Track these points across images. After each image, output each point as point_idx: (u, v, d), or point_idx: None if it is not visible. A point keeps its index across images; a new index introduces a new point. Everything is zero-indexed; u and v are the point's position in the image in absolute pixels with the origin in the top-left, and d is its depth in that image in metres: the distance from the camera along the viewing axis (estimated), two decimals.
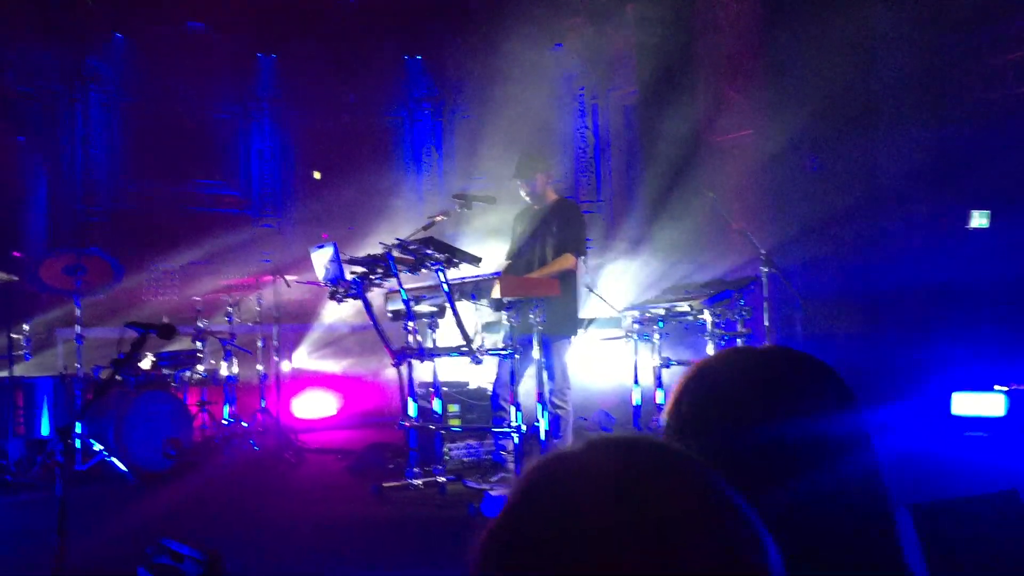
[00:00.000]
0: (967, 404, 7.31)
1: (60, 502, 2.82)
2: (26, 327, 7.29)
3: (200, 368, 7.71)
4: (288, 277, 7.97)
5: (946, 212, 8.29)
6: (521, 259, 6.08)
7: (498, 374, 5.89)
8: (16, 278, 6.71)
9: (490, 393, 6.16)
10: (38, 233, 10.10)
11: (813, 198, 8.42)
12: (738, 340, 6.05)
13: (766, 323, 6.34)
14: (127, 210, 10.80)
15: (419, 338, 5.73)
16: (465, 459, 6.66)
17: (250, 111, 11.66)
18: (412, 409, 5.84)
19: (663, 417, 1.12)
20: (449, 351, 5.60)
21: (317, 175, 11.81)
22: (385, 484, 5.73)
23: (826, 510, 1.01)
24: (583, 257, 6.19)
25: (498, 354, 5.44)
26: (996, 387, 7.27)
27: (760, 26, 8.67)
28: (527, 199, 6.13)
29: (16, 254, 7.44)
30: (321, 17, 11.18)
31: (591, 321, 7.67)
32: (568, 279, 5.92)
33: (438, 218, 5.92)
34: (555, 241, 5.93)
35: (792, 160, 8.42)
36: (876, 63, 8.74)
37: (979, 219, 8.10)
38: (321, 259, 5.59)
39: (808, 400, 1.06)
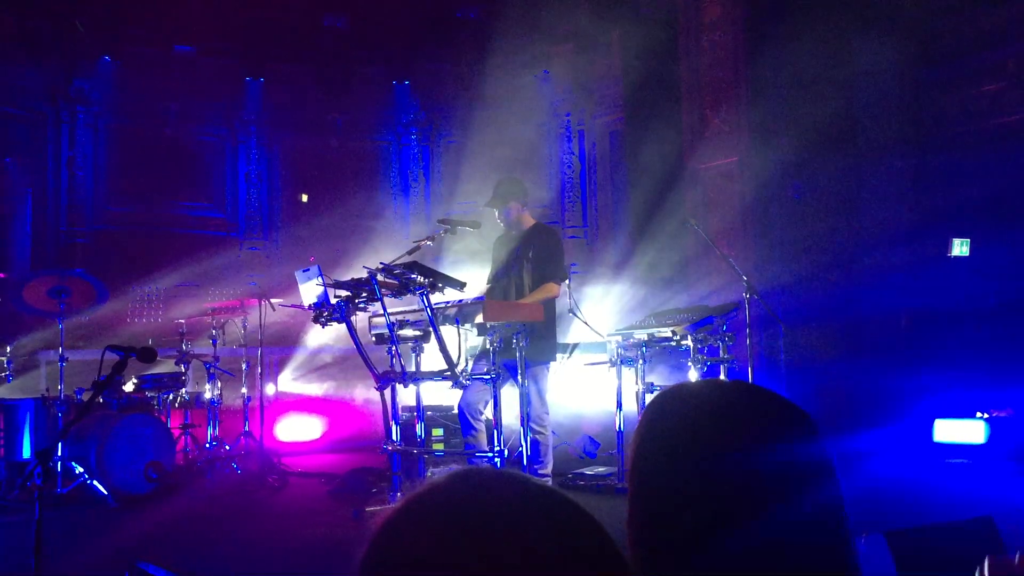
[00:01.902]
0: (949, 431, 7.36)
1: (37, 525, 2.81)
2: (8, 349, 7.26)
3: (183, 391, 7.68)
4: (273, 300, 7.96)
5: (926, 238, 8.37)
6: (499, 284, 6.11)
7: (466, 393, 5.88)
8: None
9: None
10: (22, 254, 10.06)
11: (795, 224, 8.49)
12: (721, 366, 6.08)
13: (749, 349, 6.37)
14: (112, 232, 10.79)
15: (403, 362, 5.73)
16: None
17: (237, 134, 11.68)
18: (395, 433, 5.83)
19: (628, 455, 1.14)
20: (433, 375, 5.60)
21: (304, 198, 11.84)
22: (367, 508, 5.71)
23: (784, 542, 1.02)
24: (566, 282, 6.22)
25: (481, 379, 5.44)
26: (978, 414, 7.32)
27: (744, 54, 8.77)
28: (505, 227, 6.17)
29: None
30: (309, 41, 11.24)
31: (575, 346, 7.70)
32: (548, 306, 5.95)
33: (423, 242, 5.94)
34: (532, 267, 5.96)
35: (775, 186, 8.50)
36: (857, 92, 8.85)
37: (959, 247, 8.19)
38: (306, 282, 5.59)
39: (763, 432, 1.07)
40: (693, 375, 6.06)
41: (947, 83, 8.78)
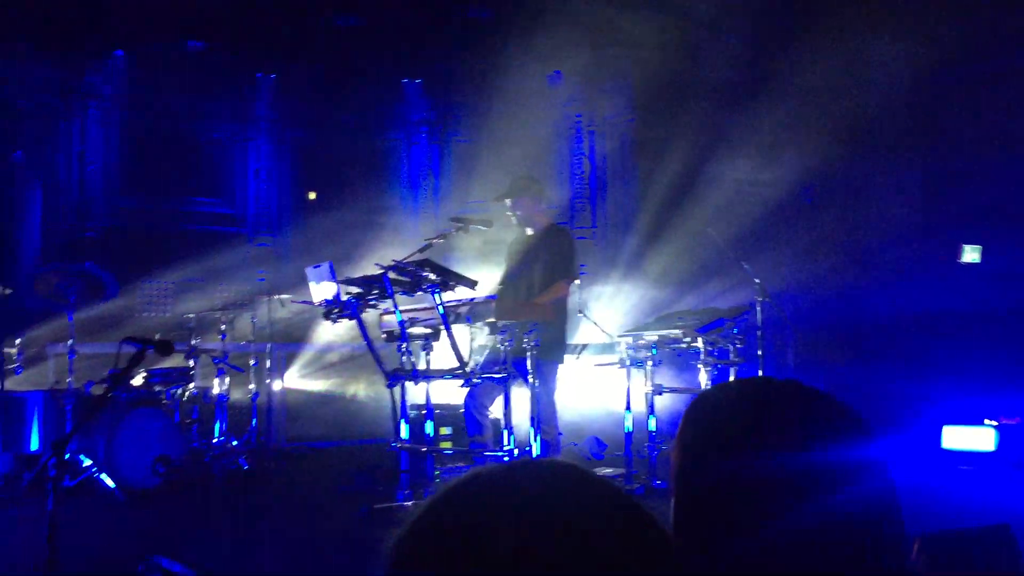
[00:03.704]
0: (958, 438, 7.32)
1: (50, 517, 2.81)
2: (18, 341, 7.26)
3: (192, 386, 7.68)
4: (282, 296, 7.96)
5: (937, 243, 8.35)
6: (512, 284, 6.11)
7: (473, 392, 5.87)
8: (10, 291, 6.69)
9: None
10: (33, 247, 10.08)
11: (807, 227, 8.48)
12: (731, 368, 6.06)
13: (759, 352, 6.35)
14: (122, 226, 10.80)
15: (413, 360, 5.72)
16: None
17: (248, 130, 11.69)
18: (404, 431, 5.83)
19: (674, 452, 1.12)
20: (442, 374, 5.60)
21: (312, 196, 11.84)
22: (375, 506, 5.70)
23: (832, 541, 1.01)
24: (576, 282, 6.21)
25: (492, 378, 5.44)
26: (986, 421, 7.29)
27: (757, 56, 8.76)
28: (515, 222, 6.16)
29: None
30: (321, 38, 11.24)
31: (584, 347, 7.69)
32: (560, 306, 5.94)
33: (435, 240, 5.93)
34: (544, 267, 5.95)
35: (787, 189, 8.48)
36: (871, 96, 8.84)
37: (971, 254, 8.16)
38: (317, 279, 5.59)
39: (814, 431, 1.06)
40: (703, 378, 6.04)
41: (960, 88, 8.75)
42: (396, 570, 0.77)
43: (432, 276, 5.12)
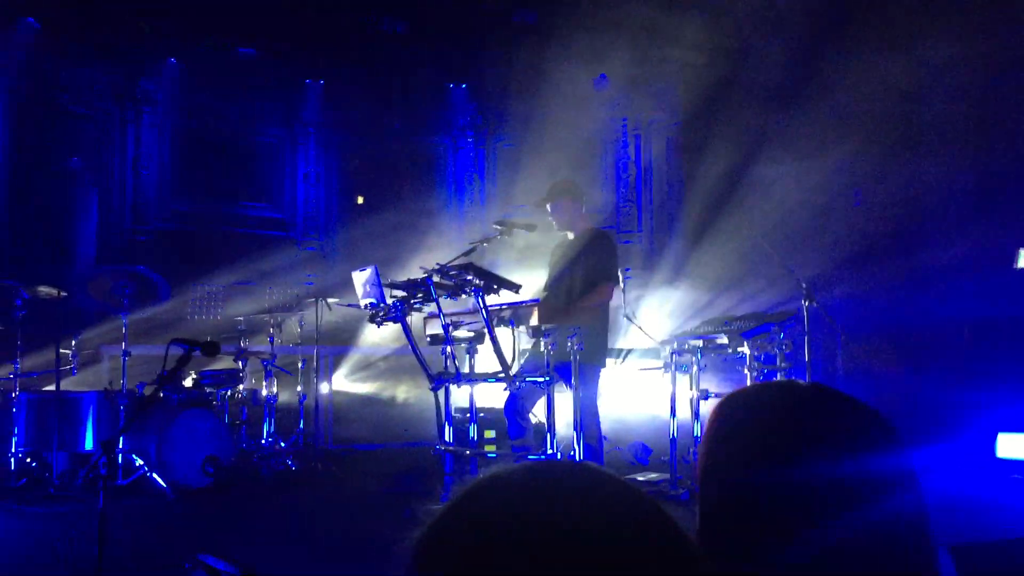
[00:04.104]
0: (1013, 446, 7.14)
1: (100, 515, 2.88)
2: (73, 343, 7.44)
3: (241, 387, 7.80)
4: (329, 300, 8.05)
5: (991, 247, 8.17)
6: (554, 288, 6.10)
7: (514, 395, 5.87)
8: (65, 293, 6.86)
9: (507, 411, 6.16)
10: (87, 250, 10.32)
11: (857, 231, 8.36)
12: (778, 374, 5.99)
13: (806, 358, 6.27)
14: (174, 230, 11.02)
15: (457, 363, 5.74)
16: None
17: (296, 135, 11.86)
18: (448, 434, 5.85)
19: (699, 456, 1.12)
20: (486, 377, 5.61)
21: (360, 200, 11.96)
22: (419, 508, 5.73)
23: (863, 551, 0.99)
24: (620, 286, 6.18)
25: (535, 382, 5.44)
26: None
27: (806, 57, 8.66)
28: (556, 225, 6.16)
29: None
30: (368, 44, 11.36)
31: (629, 351, 7.65)
32: (602, 310, 5.92)
33: (479, 244, 5.95)
34: (585, 270, 5.93)
35: (836, 192, 8.37)
36: (923, 98, 8.68)
37: None
38: (362, 282, 5.64)
39: (842, 437, 1.04)
40: (749, 383, 5.98)
41: (1014, 89, 8.56)
42: (417, 571, 0.78)
43: (475, 280, 5.13)
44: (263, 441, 7.75)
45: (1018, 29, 8.47)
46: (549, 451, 5.35)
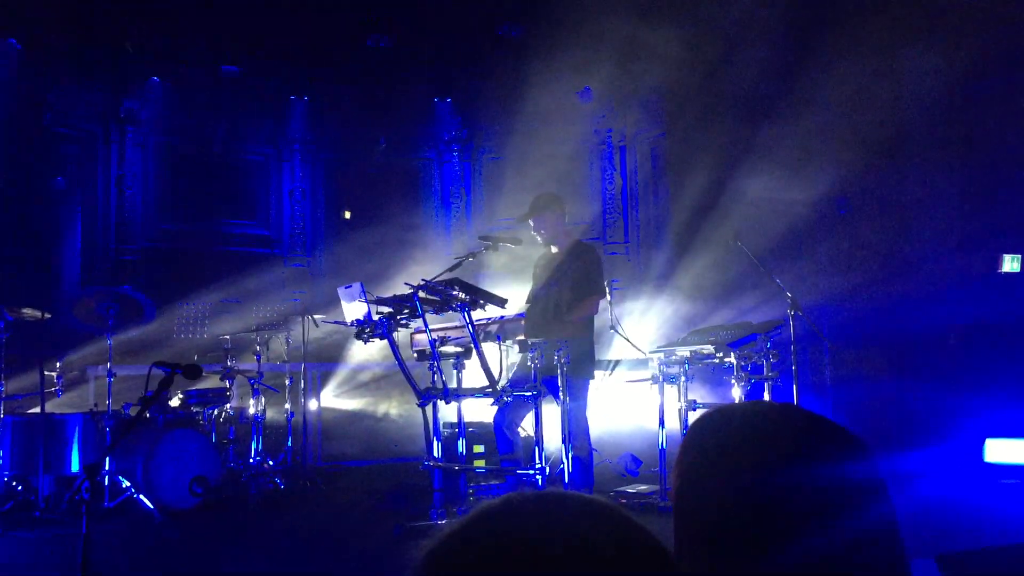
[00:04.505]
0: (1000, 451, 7.17)
1: (84, 540, 2.85)
2: (58, 364, 7.39)
3: (228, 406, 7.76)
4: (316, 316, 8.04)
5: (975, 253, 8.21)
6: (539, 301, 6.11)
7: (503, 410, 5.87)
8: (50, 315, 6.82)
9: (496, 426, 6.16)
10: (72, 271, 10.27)
11: (841, 240, 8.39)
12: (765, 384, 6.00)
13: (793, 367, 6.28)
14: (160, 249, 10.97)
15: (444, 378, 5.74)
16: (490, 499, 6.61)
17: (282, 152, 11.85)
18: (436, 449, 5.83)
19: (669, 477, 1.14)
20: (474, 392, 5.60)
21: (347, 214, 11.95)
22: (408, 525, 5.71)
23: (837, 564, 1.00)
24: (607, 298, 6.20)
25: (523, 396, 5.44)
26: None
27: (788, 67, 8.70)
28: (541, 241, 6.17)
29: None
30: (352, 60, 11.37)
31: (617, 363, 7.66)
32: (587, 321, 5.93)
33: (465, 259, 5.96)
34: (572, 283, 5.95)
35: (820, 201, 8.40)
36: (905, 105, 8.73)
37: (1011, 263, 8.01)
38: (348, 299, 5.63)
39: (810, 452, 1.05)
40: (736, 393, 5.99)
41: (996, 96, 8.62)
42: None
43: (461, 295, 5.14)
44: (251, 460, 7.71)
45: (995, 37, 8.54)
46: (537, 465, 5.34)
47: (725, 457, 1.07)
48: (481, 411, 7.08)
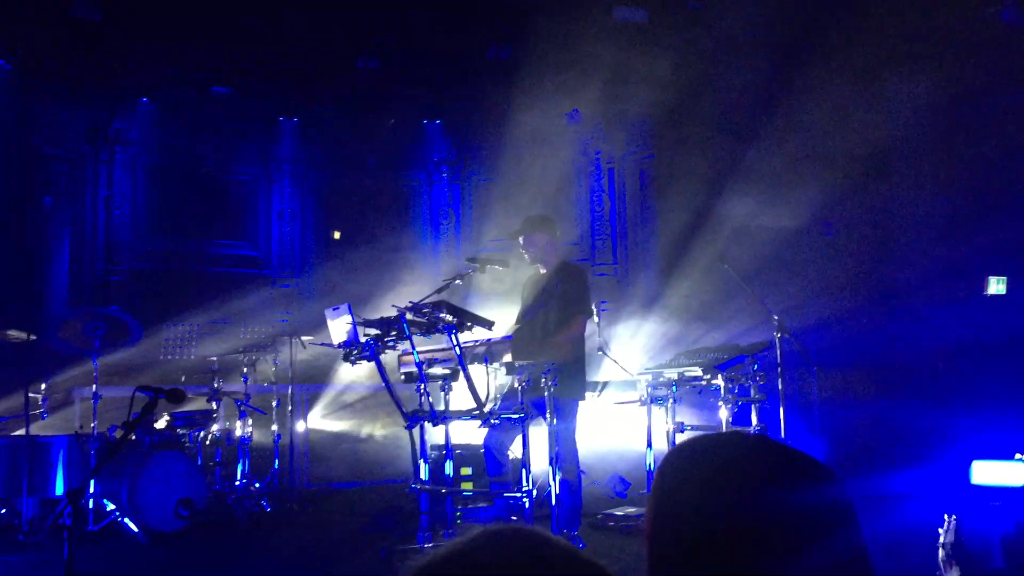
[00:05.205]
0: (988, 473, 7.18)
1: (66, 565, 2.83)
2: (44, 386, 7.35)
3: (215, 428, 7.72)
4: (304, 338, 8.02)
5: (961, 276, 8.26)
6: (527, 323, 6.11)
7: (492, 432, 5.87)
8: (35, 337, 6.79)
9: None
10: (59, 292, 10.22)
11: (828, 262, 8.43)
12: (752, 406, 6.01)
13: (780, 388, 6.29)
14: (148, 270, 10.94)
15: (432, 401, 5.72)
16: (477, 522, 6.59)
17: (271, 173, 11.85)
18: (424, 472, 5.81)
19: (648, 506, 1.15)
20: (461, 414, 5.59)
21: (336, 235, 11.95)
22: (395, 548, 5.68)
23: None
24: (594, 319, 6.21)
25: (510, 418, 5.42)
26: (1017, 456, 7.15)
27: (776, 90, 8.78)
28: (529, 260, 6.18)
29: None
30: (342, 82, 11.41)
31: (605, 384, 7.66)
32: (578, 343, 5.94)
33: (452, 281, 5.96)
34: (559, 304, 5.96)
35: (807, 223, 8.46)
36: (891, 129, 8.82)
37: (996, 285, 8.07)
38: (335, 321, 5.62)
39: (782, 482, 1.07)
40: (724, 415, 5.99)
41: (980, 121, 8.71)
42: None
43: (448, 317, 5.13)
44: (237, 482, 7.66)
45: (980, 62, 8.64)
46: (525, 487, 5.33)
47: (699, 486, 1.08)
48: (468, 433, 7.06)
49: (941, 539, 1.80)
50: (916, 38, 8.66)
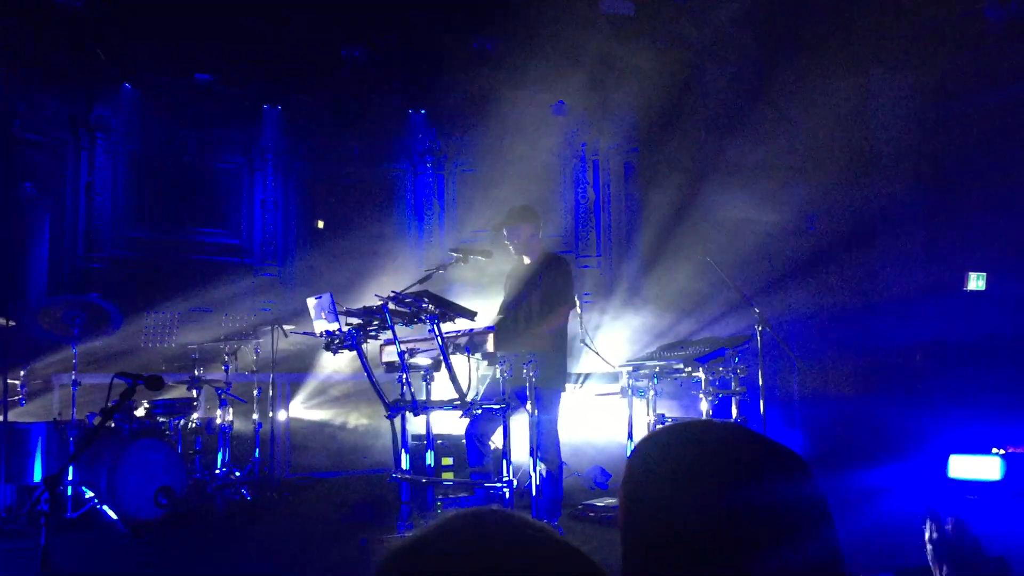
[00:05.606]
0: (964, 467, 7.26)
1: (43, 552, 2.81)
2: (22, 373, 7.29)
3: (195, 416, 7.69)
4: (285, 327, 7.99)
5: (942, 271, 8.33)
6: (510, 314, 6.12)
7: (474, 422, 5.88)
8: (14, 323, 6.73)
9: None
10: (39, 279, 10.14)
11: (810, 256, 8.47)
12: (733, 398, 6.04)
13: (760, 382, 6.33)
14: (129, 257, 10.86)
15: (413, 390, 5.72)
16: None
17: (254, 161, 11.78)
18: (405, 462, 5.81)
19: (620, 497, 1.14)
20: (442, 404, 5.59)
21: (320, 224, 11.90)
22: (375, 537, 5.68)
23: None
24: (576, 310, 6.22)
25: (492, 409, 5.43)
26: (993, 450, 7.23)
27: (760, 85, 8.80)
28: (513, 251, 6.19)
29: None
30: (327, 70, 11.35)
31: (587, 376, 7.68)
32: (560, 333, 5.95)
33: (435, 271, 5.96)
34: (541, 295, 5.96)
35: (790, 218, 8.49)
36: (874, 125, 8.86)
37: (976, 281, 8.13)
38: (318, 310, 5.61)
39: (754, 472, 1.06)
40: (704, 407, 6.02)
41: (963, 118, 8.77)
42: None
43: (431, 307, 5.13)
44: (217, 471, 7.64)
45: (963, 60, 8.69)
46: (505, 477, 5.34)
47: (671, 476, 1.08)
48: (450, 423, 7.07)
49: (926, 535, 1.79)
50: (900, 34, 8.70)
